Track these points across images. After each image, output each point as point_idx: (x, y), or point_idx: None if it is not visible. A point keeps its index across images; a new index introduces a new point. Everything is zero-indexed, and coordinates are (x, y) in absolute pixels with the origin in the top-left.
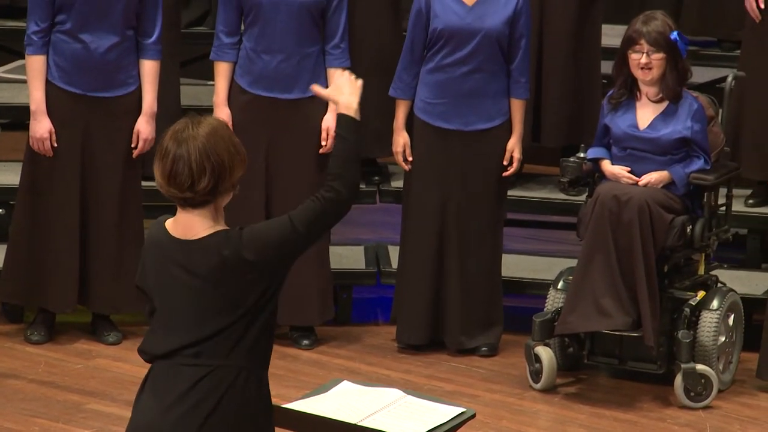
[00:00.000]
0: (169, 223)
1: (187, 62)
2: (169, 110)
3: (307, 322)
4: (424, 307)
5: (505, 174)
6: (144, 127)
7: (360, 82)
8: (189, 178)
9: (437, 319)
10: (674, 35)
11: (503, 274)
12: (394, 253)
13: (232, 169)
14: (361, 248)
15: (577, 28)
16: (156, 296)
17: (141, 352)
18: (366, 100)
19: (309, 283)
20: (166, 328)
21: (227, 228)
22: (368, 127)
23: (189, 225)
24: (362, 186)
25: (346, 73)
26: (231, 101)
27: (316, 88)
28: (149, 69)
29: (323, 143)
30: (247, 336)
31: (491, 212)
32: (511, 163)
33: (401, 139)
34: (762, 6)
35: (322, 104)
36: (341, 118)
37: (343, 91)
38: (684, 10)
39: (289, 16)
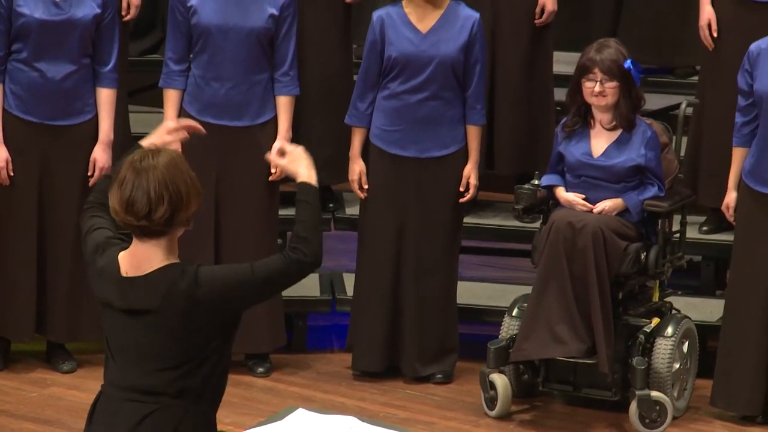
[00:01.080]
0: (123, 255)
1: (137, 90)
2: (118, 138)
3: (259, 349)
4: (379, 334)
5: (461, 200)
6: (100, 156)
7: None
8: (146, 207)
9: (393, 347)
10: (627, 63)
11: (458, 301)
12: (349, 280)
13: (188, 201)
14: (316, 276)
15: (529, 56)
16: (107, 329)
17: (106, 387)
18: (316, 127)
19: (260, 310)
20: (116, 360)
21: (180, 262)
22: (319, 154)
23: (142, 257)
24: None
25: (300, 148)
26: None
27: (272, 158)
28: (106, 97)
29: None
30: (196, 376)
31: (447, 239)
32: (467, 189)
33: (357, 167)
34: (715, 34)
35: (272, 132)
36: (305, 187)
37: (300, 163)
38: (619, 37)
39: (238, 43)
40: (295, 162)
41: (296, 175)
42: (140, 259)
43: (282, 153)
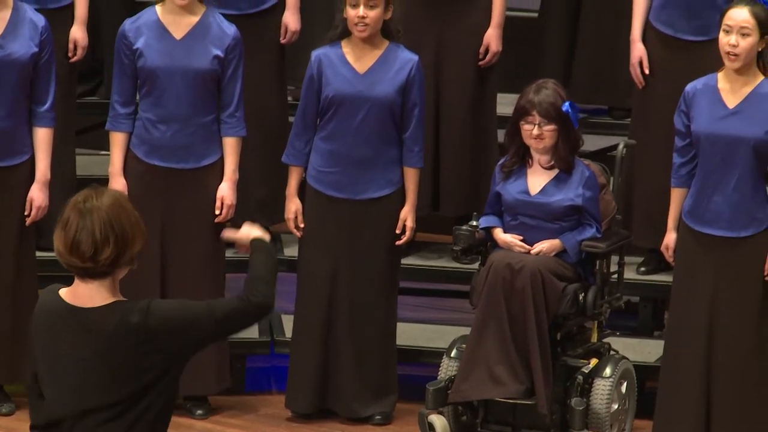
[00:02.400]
0: (65, 292)
1: (82, 132)
2: (65, 180)
3: (204, 391)
4: (313, 375)
5: (398, 243)
6: (37, 195)
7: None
8: (92, 248)
9: (327, 388)
10: (566, 106)
11: (398, 342)
12: (288, 322)
13: (133, 240)
14: None
15: (473, 97)
16: (43, 364)
17: (32, 428)
18: (252, 168)
19: (205, 352)
20: (52, 399)
21: (127, 300)
22: (252, 195)
23: (87, 295)
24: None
25: (255, 227)
26: (127, 171)
27: (227, 234)
28: (43, 136)
29: (217, 212)
30: (139, 420)
31: (384, 280)
32: (404, 231)
33: (293, 206)
34: (647, 72)
35: (218, 173)
36: (259, 240)
37: (252, 230)
38: (574, 78)
39: (185, 85)
40: (247, 232)
41: (250, 237)
42: (83, 298)
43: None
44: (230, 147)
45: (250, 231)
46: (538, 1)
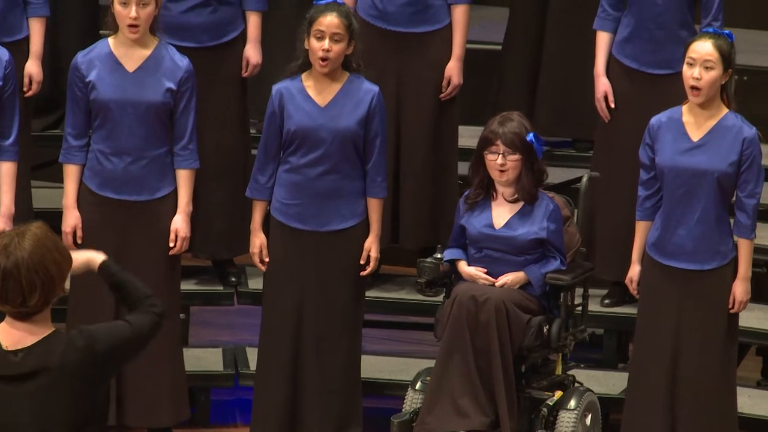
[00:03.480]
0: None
1: (46, 165)
2: (21, 213)
3: (162, 423)
4: (280, 407)
5: (362, 273)
6: (2, 230)
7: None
8: (20, 296)
9: (293, 421)
10: (530, 137)
11: (362, 374)
12: (252, 354)
13: (61, 277)
14: (219, 350)
15: (434, 129)
16: None
17: None
18: (213, 200)
19: (162, 384)
20: None
21: (60, 331)
22: (214, 228)
23: (21, 333)
24: (220, 287)
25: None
26: (80, 203)
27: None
28: (7, 171)
29: (171, 244)
30: None
31: (349, 313)
32: (368, 262)
33: (258, 240)
34: (612, 106)
35: (172, 205)
36: (109, 264)
37: (97, 257)
38: (536, 110)
39: (137, 118)
40: (90, 256)
41: (97, 262)
42: (18, 336)
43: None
44: (184, 179)
45: (94, 256)
46: (501, 33)
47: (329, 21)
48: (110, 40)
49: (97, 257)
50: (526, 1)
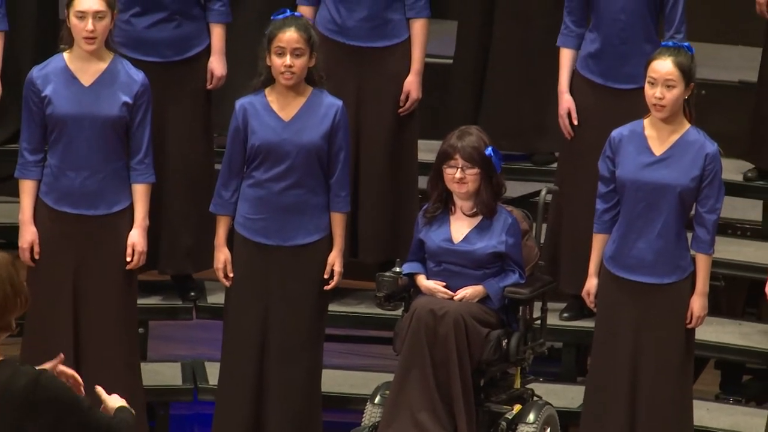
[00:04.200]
0: None
1: (4, 179)
2: None
3: None
4: (241, 421)
5: (326, 288)
6: None
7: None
8: None
9: None
10: (489, 150)
11: (322, 389)
12: (211, 368)
13: (4, 310)
14: (178, 365)
15: (393, 144)
16: None
17: None
18: (177, 215)
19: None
20: None
21: (12, 360)
22: (179, 243)
23: None
24: (179, 302)
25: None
26: (37, 219)
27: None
28: None
29: (128, 259)
30: None
31: (312, 327)
32: (332, 276)
33: (222, 256)
34: (575, 123)
35: (128, 220)
36: (123, 410)
37: (119, 401)
38: (481, 124)
39: (93, 132)
40: (116, 400)
41: (115, 405)
42: None
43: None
44: (140, 193)
45: (117, 400)
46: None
47: (289, 36)
48: (65, 54)
49: (121, 402)
50: (473, 15)
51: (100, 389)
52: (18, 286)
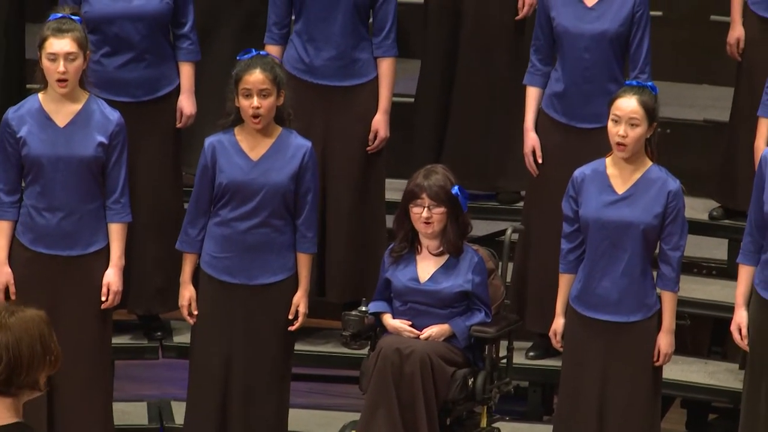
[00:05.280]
0: None
1: None
2: None
3: None
4: None
5: (291, 328)
6: None
7: None
8: None
9: None
10: (455, 189)
11: (288, 428)
12: (177, 408)
13: (30, 367)
14: (144, 404)
15: (361, 183)
16: None
17: None
18: (148, 255)
19: None
20: None
21: (26, 424)
22: (150, 282)
23: None
24: (145, 341)
25: None
26: (13, 259)
27: None
28: None
29: (103, 298)
30: None
31: (277, 367)
32: (296, 317)
33: (187, 293)
34: (540, 161)
35: (104, 260)
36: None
37: None
38: (443, 162)
39: (69, 173)
40: None
41: None
42: None
43: None
44: (116, 233)
45: None
46: None
47: (255, 78)
48: (40, 95)
49: None
50: (436, 53)
51: None
52: (48, 345)
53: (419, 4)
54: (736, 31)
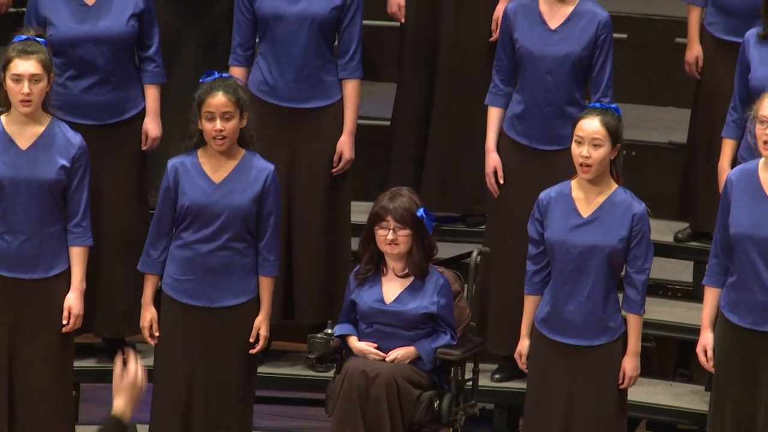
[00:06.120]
0: None
1: None
2: None
3: None
4: None
5: (251, 351)
6: None
7: (145, 384)
8: None
9: None
10: (420, 212)
11: None
12: (142, 431)
13: None
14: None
15: (326, 205)
16: None
17: None
18: (113, 278)
19: None
20: None
21: None
22: (115, 306)
23: None
24: (110, 364)
25: (139, 371)
26: None
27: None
28: None
29: (65, 322)
30: None
31: (240, 389)
32: (257, 340)
33: (148, 314)
34: (501, 182)
35: (65, 283)
36: (116, 422)
37: (124, 394)
38: (423, 185)
39: (30, 196)
40: (122, 389)
41: (114, 399)
42: None
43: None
44: (77, 256)
45: (123, 387)
46: (391, 109)
47: (217, 101)
48: (3, 117)
49: (118, 406)
50: (413, 77)
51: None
52: None
53: (387, 27)
54: (695, 51)
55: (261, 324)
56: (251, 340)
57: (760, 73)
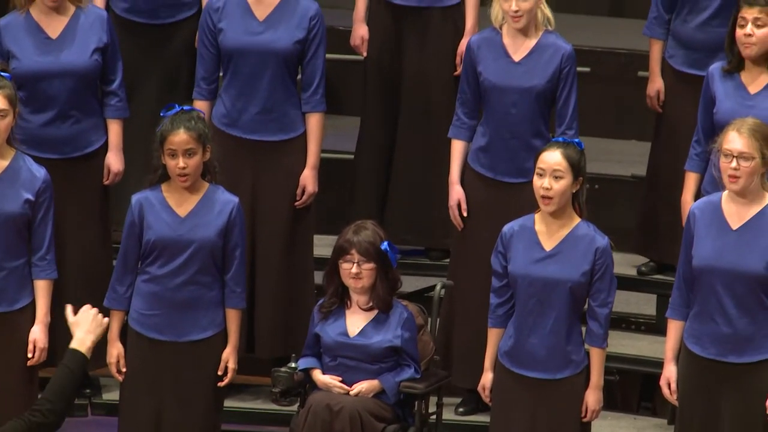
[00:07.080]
0: None
1: None
2: None
3: None
4: None
5: (220, 384)
6: None
7: (105, 321)
8: None
9: None
10: (384, 245)
11: None
12: None
13: None
14: None
15: (289, 238)
16: None
17: None
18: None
19: None
20: None
21: None
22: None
23: None
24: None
25: (94, 310)
26: None
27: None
28: None
29: (30, 355)
30: None
31: (207, 423)
32: (226, 373)
33: (115, 350)
34: (465, 214)
35: (30, 316)
36: (72, 353)
37: (81, 326)
38: (387, 219)
39: None
40: (77, 323)
41: (73, 334)
42: None
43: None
44: (42, 290)
45: (81, 325)
46: (354, 142)
47: (179, 138)
48: None
49: (78, 338)
50: (376, 110)
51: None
52: None
53: (351, 61)
54: (656, 84)
55: (229, 356)
56: (219, 372)
57: (725, 106)
